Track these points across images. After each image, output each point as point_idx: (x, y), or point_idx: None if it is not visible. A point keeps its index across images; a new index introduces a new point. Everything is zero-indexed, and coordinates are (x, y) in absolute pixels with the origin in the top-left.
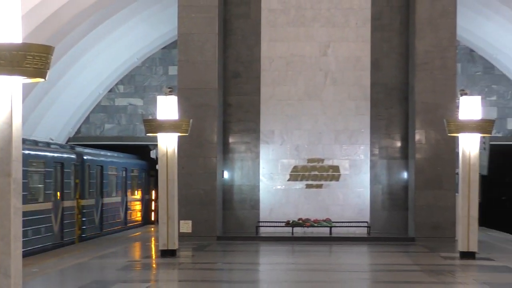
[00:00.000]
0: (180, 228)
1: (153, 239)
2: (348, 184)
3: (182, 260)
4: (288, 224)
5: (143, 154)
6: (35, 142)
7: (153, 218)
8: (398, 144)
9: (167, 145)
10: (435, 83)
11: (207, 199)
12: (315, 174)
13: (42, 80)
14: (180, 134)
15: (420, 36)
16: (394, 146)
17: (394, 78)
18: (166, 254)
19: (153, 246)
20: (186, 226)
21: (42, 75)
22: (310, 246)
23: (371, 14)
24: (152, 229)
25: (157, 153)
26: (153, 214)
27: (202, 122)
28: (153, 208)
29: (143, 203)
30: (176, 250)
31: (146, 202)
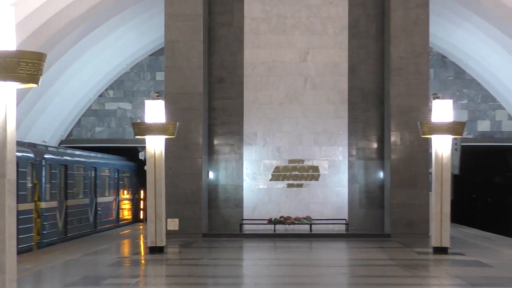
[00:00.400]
0: (167, 226)
1: (141, 237)
2: (327, 183)
3: (169, 256)
4: (270, 221)
5: (132, 155)
6: None
7: (142, 217)
8: (375, 145)
9: (155, 147)
10: (409, 88)
11: (193, 198)
12: (296, 174)
13: (35, 85)
14: (167, 137)
15: (394, 43)
16: (371, 147)
17: (371, 82)
18: (154, 250)
19: (141, 243)
20: (173, 224)
21: (35, 81)
22: (291, 242)
23: (348, 22)
24: (141, 227)
25: (145, 154)
26: (141, 212)
27: (188, 125)
28: (141, 207)
29: (133, 202)
30: (163, 247)
31: (135, 201)
